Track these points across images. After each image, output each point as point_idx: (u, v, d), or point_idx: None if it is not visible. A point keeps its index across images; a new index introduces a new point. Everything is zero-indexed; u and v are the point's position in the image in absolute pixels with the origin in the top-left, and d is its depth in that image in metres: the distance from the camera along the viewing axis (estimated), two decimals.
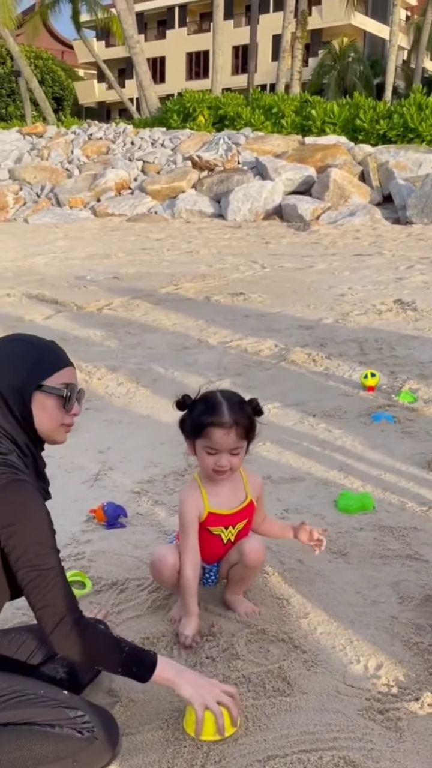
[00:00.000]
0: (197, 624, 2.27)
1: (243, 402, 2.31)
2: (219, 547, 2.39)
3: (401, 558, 2.76)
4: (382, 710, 1.98)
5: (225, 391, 2.36)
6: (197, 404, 2.30)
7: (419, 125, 20.14)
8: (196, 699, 1.80)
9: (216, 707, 1.81)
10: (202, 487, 2.36)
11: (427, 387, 4.72)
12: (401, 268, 9.37)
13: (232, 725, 1.85)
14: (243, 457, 2.33)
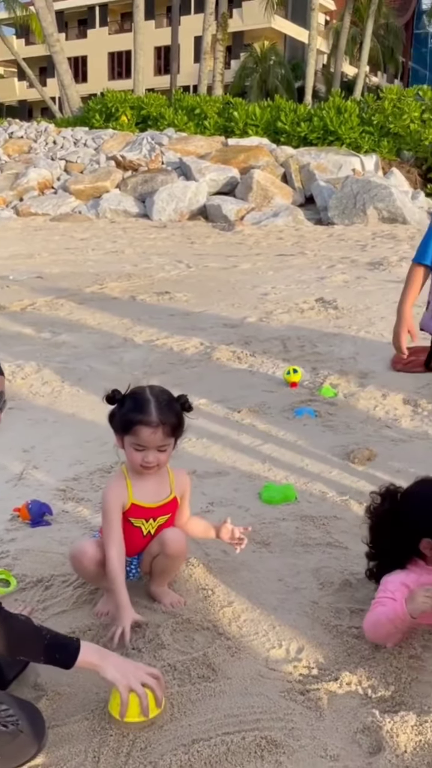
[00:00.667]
0: (132, 614, 2.28)
1: (172, 400, 2.35)
2: (139, 539, 2.42)
3: (322, 546, 2.84)
4: (303, 691, 2.04)
5: (154, 387, 2.40)
6: (126, 400, 2.34)
7: (339, 128, 20.57)
8: (121, 681, 1.83)
9: (140, 689, 1.84)
10: (128, 479, 2.39)
11: (347, 382, 4.85)
12: (323, 268, 9.57)
13: (156, 706, 1.89)
14: (170, 453, 2.37)
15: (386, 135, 20.75)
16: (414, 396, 4.42)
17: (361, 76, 34.08)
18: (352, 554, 2.72)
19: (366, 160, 18.29)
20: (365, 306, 6.99)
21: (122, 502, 2.36)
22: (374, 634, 2.17)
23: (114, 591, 2.30)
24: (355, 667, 2.12)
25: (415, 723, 1.86)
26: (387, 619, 2.11)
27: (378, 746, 1.83)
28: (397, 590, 2.19)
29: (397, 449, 3.75)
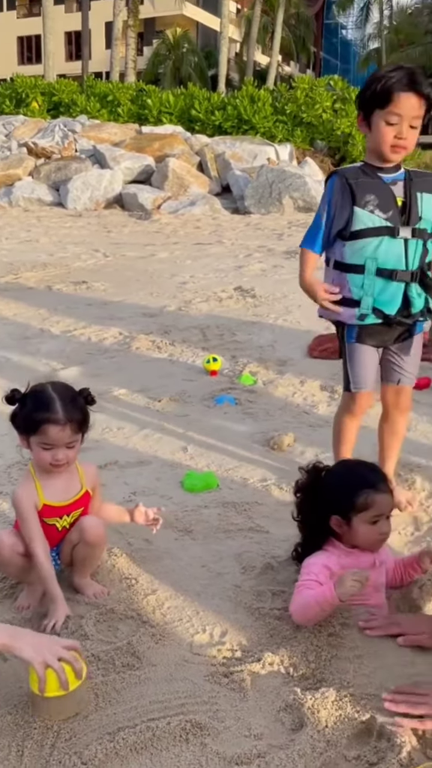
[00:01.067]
0: (65, 607, 2.28)
1: (75, 395, 2.35)
2: (55, 533, 2.42)
3: (244, 531, 2.88)
4: (226, 673, 2.07)
5: (56, 383, 2.39)
6: (28, 399, 2.32)
7: (253, 117, 20.71)
8: (36, 659, 1.83)
9: (56, 664, 1.84)
10: (36, 480, 2.37)
11: (266, 370, 4.92)
12: (240, 257, 9.64)
13: (75, 679, 1.89)
14: (78, 449, 2.37)
15: (299, 124, 21.02)
16: (330, 382, 4.52)
17: (273, 65, 34.37)
18: (273, 538, 2.78)
19: (280, 150, 18.48)
20: (282, 294, 7.09)
21: (34, 504, 2.34)
22: (302, 617, 2.21)
23: (46, 586, 2.30)
24: (277, 648, 2.16)
25: (335, 698, 1.91)
26: (315, 602, 2.16)
27: (300, 723, 1.87)
28: (321, 573, 2.25)
29: (315, 434, 3.82)
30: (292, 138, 20.64)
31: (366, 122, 2.73)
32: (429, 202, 2.77)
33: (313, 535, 2.41)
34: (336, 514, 2.32)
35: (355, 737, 1.83)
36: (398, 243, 2.75)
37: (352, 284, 2.81)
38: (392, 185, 2.75)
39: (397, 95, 2.59)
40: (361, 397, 2.98)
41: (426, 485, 3.24)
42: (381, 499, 2.29)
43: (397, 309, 2.81)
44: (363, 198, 2.71)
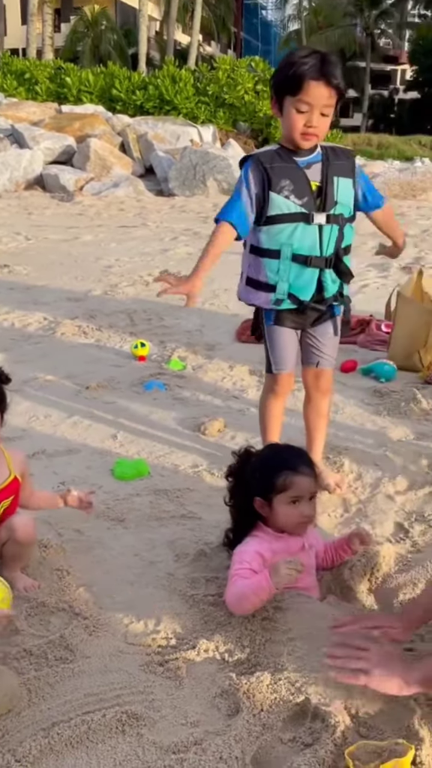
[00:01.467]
0: None
1: None
2: None
3: (176, 518, 2.87)
4: (162, 662, 2.07)
5: None
6: None
7: (174, 97, 20.52)
8: None
9: None
10: None
11: (194, 354, 4.91)
12: (166, 240, 9.58)
13: None
14: (0, 431, 2.32)
15: (222, 106, 20.95)
16: (259, 367, 4.51)
17: (194, 44, 34.07)
18: (205, 524, 2.78)
19: (203, 131, 18.41)
20: (209, 278, 7.05)
21: None
22: (239, 607, 2.20)
23: None
24: (212, 634, 2.17)
25: (270, 682, 1.92)
26: (252, 592, 2.16)
27: (236, 708, 1.88)
28: (254, 560, 2.25)
29: (245, 419, 3.84)
30: (215, 119, 20.56)
31: (278, 106, 2.72)
32: (345, 186, 2.79)
33: (243, 520, 2.42)
34: (259, 496, 2.34)
35: (290, 719, 1.85)
36: (313, 229, 2.76)
37: (267, 269, 2.82)
38: (307, 169, 2.75)
39: (308, 84, 2.56)
40: (283, 378, 3.03)
41: (354, 467, 3.29)
42: (300, 480, 2.30)
43: (311, 295, 2.84)
44: (278, 183, 2.71)
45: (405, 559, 2.60)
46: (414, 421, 3.80)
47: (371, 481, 3.19)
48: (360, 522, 2.87)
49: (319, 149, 2.80)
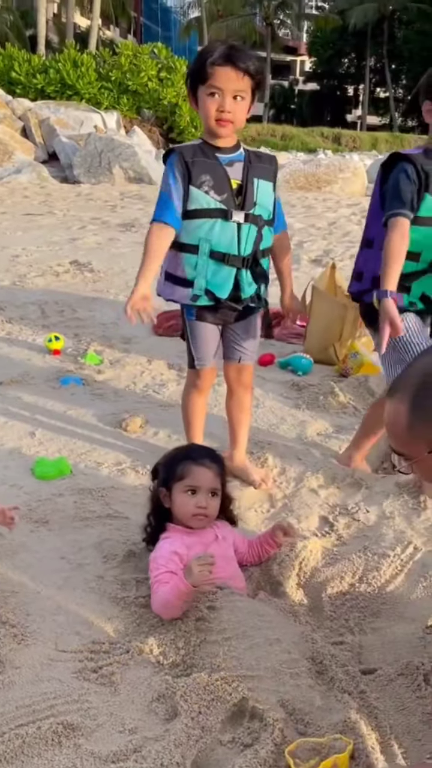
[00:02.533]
0: None
1: None
2: None
3: (102, 518, 2.82)
4: (95, 669, 2.03)
5: None
6: None
7: (77, 82, 20.13)
8: None
9: None
10: None
11: (110, 348, 4.83)
12: (74, 229, 9.41)
13: None
14: None
15: (125, 92, 20.70)
16: (177, 360, 4.50)
17: (94, 28, 33.48)
18: (133, 524, 2.73)
19: (107, 117, 18.17)
20: (121, 269, 6.99)
21: None
22: (166, 613, 2.20)
23: None
24: (146, 637, 2.14)
25: (207, 683, 1.91)
26: (174, 597, 2.15)
27: (174, 711, 1.87)
28: (170, 561, 2.24)
29: (166, 414, 3.80)
30: (119, 106, 20.30)
31: (195, 100, 2.75)
32: (265, 189, 2.83)
33: (155, 515, 2.45)
34: (162, 486, 2.41)
35: (228, 720, 1.85)
36: (231, 226, 2.77)
37: (186, 264, 2.82)
38: (228, 166, 2.77)
39: (214, 69, 2.62)
40: (205, 372, 3.04)
41: (278, 462, 3.32)
42: (197, 470, 2.36)
43: (228, 293, 2.85)
44: (198, 178, 2.72)
45: (331, 552, 2.65)
46: (332, 414, 3.86)
47: (295, 475, 3.23)
48: (286, 516, 2.89)
49: (242, 149, 2.83)
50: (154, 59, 21.10)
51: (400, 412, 1.59)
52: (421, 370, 1.61)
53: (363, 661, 2.12)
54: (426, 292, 2.92)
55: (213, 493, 2.39)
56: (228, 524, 2.52)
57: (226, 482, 2.50)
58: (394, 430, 1.64)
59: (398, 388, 1.64)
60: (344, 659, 2.08)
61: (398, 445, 1.67)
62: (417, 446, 1.60)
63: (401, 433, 1.62)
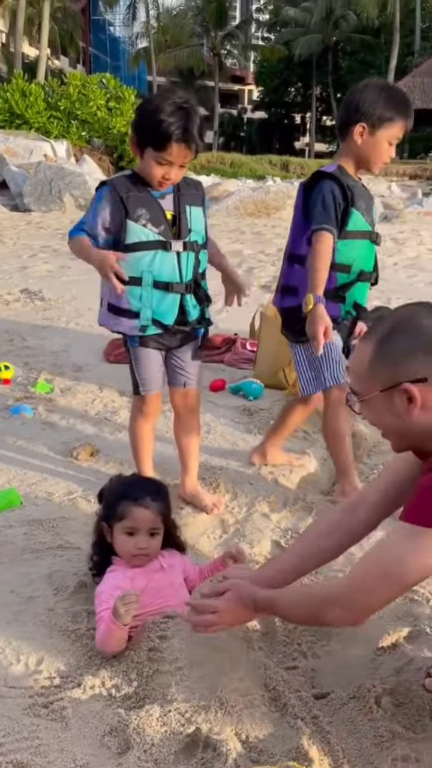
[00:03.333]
0: None
1: None
2: None
3: (53, 549, 2.78)
4: (46, 704, 1.99)
5: None
6: None
7: (26, 111, 20.17)
8: None
9: None
10: None
11: (61, 377, 4.81)
12: (24, 257, 9.37)
13: None
14: None
15: (74, 121, 20.79)
16: (129, 387, 4.39)
17: (42, 58, 33.61)
18: (84, 554, 2.68)
19: (57, 146, 18.21)
20: (72, 297, 6.97)
21: None
22: (105, 651, 2.19)
23: None
24: (98, 670, 2.12)
25: (160, 714, 1.90)
26: (109, 636, 2.15)
27: (126, 745, 1.85)
28: (111, 597, 2.21)
29: (118, 443, 3.78)
30: (68, 135, 20.35)
31: (139, 150, 2.77)
32: (197, 215, 2.91)
33: (99, 545, 2.44)
34: (104, 521, 2.39)
35: (182, 751, 1.83)
36: (171, 256, 2.84)
37: (130, 296, 2.85)
38: (161, 199, 2.83)
39: (171, 146, 2.66)
40: (151, 399, 3.07)
41: (230, 487, 3.32)
42: (137, 513, 2.32)
43: (175, 319, 2.91)
44: (135, 212, 2.77)
45: None
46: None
47: (247, 500, 3.24)
48: (239, 541, 2.89)
49: None
50: (103, 89, 21.24)
51: (366, 350, 1.76)
52: (394, 319, 1.76)
53: (316, 685, 2.13)
54: (357, 299, 3.13)
55: (153, 533, 2.36)
56: (176, 552, 2.51)
57: (170, 513, 2.47)
58: (357, 367, 1.80)
59: (370, 332, 1.80)
60: (297, 684, 2.09)
61: (356, 382, 1.82)
62: (372, 384, 1.76)
63: (362, 371, 1.78)
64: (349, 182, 2.98)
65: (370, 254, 3.13)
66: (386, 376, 1.72)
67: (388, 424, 1.81)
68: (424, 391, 1.69)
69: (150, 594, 2.28)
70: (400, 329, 1.71)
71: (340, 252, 2.98)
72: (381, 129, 2.93)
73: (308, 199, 3.03)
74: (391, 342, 1.71)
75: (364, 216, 3.03)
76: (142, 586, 2.27)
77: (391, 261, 10.21)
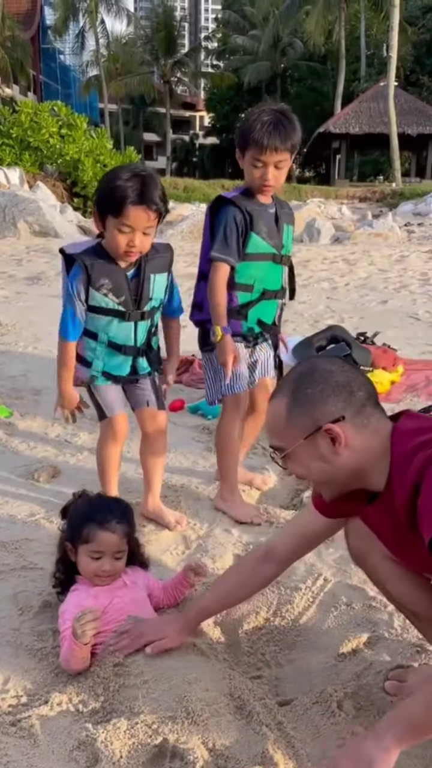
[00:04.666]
0: None
1: None
2: None
3: (17, 570, 2.79)
4: (14, 722, 2.01)
5: None
6: None
7: None
8: None
9: None
10: None
11: (21, 400, 4.81)
12: None
13: None
14: None
15: (27, 148, 20.76)
16: (89, 410, 4.51)
17: None
18: (47, 574, 2.69)
19: (10, 173, 18.15)
20: (29, 321, 6.97)
21: None
22: (69, 669, 2.22)
23: None
24: (64, 686, 2.14)
25: (127, 727, 1.92)
26: (71, 655, 2.18)
27: (95, 758, 1.87)
28: (74, 616, 2.23)
29: (79, 464, 3.81)
30: (21, 162, 20.34)
31: (102, 223, 2.82)
32: (160, 281, 2.97)
33: (63, 563, 2.47)
34: (68, 542, 2.42)
35: (150, 762, 1.86)
36: (128, 325, 2.94)
37: (87, 347, 2.98)
38: (127, 270, 2.88)
39: (128, 209, 2.69)
40: (118, 420, 3.11)
41: (191, 504, 3.37)
42: (102, 537, 2.35)
43: (127, 373, 3.04)
44: (98, 281, 2.83)
45: None
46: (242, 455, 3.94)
47: (208, 516, 3.29)
48: (201, 557, 2.93)
49: None
50: (55, 117, 21.30)
51: (281, 405, 1.80)
52: (294, 374, 1.83)
53: (280, 693, 2.19)
54: (260, 317, 3.29)
55: (117, 557, 2.40)
56: (139, 569, 2.54)
57: (133, 533, 2.51)
58: (275, 424, 1.84)
59: (276, 392, 1.85)
60: (262, 693, 2.13)
61: (276, 439, 1.85)
62: (293, 436, 1.79)
63: (280, 426, 1.81)
64: (249, 206, 3.11)
65: (275, 274, 3.26)
66: (306, 423, 1.76)
67: (318, 472, 1.83)
68: (345, 428, 1.74)
69: (114, 611, 2.31)
70: (308, 379, 1.77)
71: (240, 273, 3.15)
72: (245, 151, 3.08)
73: (212, 221, 3.19)
74: (302, 391, 1.76)
75: (266, 239, 3.15)
76: (105, 604, 2.31)
77: (343, 281, 10.41)
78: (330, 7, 42.75)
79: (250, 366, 3.37)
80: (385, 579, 2.08)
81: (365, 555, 2.08)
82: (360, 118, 38.77)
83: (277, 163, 3.05)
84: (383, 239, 15.42)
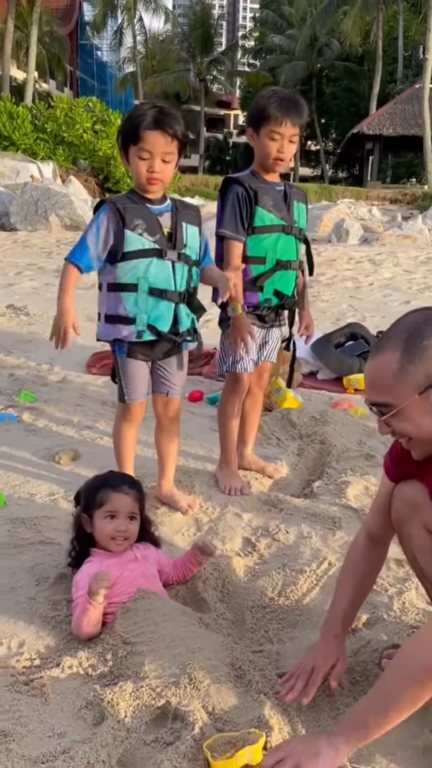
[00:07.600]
0: None
1: None
2: None
3: (35, 544, 2.92)
4: (27, 681, 2.13)
5: None
6: None
7: (13, 134, 20.39)
8: None
9: None
10: None
11: (45, 387, 4.95)
12: (11, 275, 9.50)
13: None
14: None
15: (61, 143, 21.01)
16: (111, 398, 4.64)
17: (30, 81, 33.98)
18: (64, 549, 2.83)
19: (43, 167, 18.41)
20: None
21: None
22: (81, 633, 2.34)
23: None
24: (76, 652, 2.25)
25: (132, 690, 2.02)
26: (84, 617, 2.30)
27: (101, 717, 1.98)
28: (87, 585, 2.36)
29: (99, 448, 3.94)
30: (55, 156, 20.58)
31: (126, 158, 2.97)
32: (193, 233, 3.07)
33: (79, 540, 2.59)
34: (84, 512, 2.56)
35: (152, 722, 1.97)
36: (166, 264, 2.98)
37: (126, 302, 2.98)
38: (159, 216, 2.99)
39: (144, 133, 2.83)
40: (135, 407, 3.21)
41: (204, 489, 3.48)
42: (116, 497, 2.51)
43: (169, 326, 3.04)
44: (132, 222, 2.92)
45: (253, 570, 2.83)
46: (257, 445, 4.05)
47: (220, 501, 3.40)
48: (212, 539, 3.04)
49: (169, 201, 3.06)
50: (89, 112, 21.51)
51: (390, 359, 1.69)
52: (406, 325, 1.73)
53: (279, 667, 2.27)
54: (278, 288, 3.38)
55: (132, 517, 2.54)
56: (151, 546, 2.67)
57: (144, 506, 2.64)
58: (381, 379, 1.72)
59: (382, 344, 1.74)
60: (262, 665, 2.23)
61: (384, 395, 1.73)
62: (406, 391, 1.69)
63: (389, 382, 1.70)
64: (253, 184, 3.25)
65: (287, 244, 3.35)
66: (422, 378, 1.67)
67: (429, 430, 1.74)
68: None
69: (124, 583, 2.43)
70: (422, 331, 1.68)
71: (251, 247, 3.28)
72: (261, 128, 3.20)
73: (222, 202, 3.33)
74: (417, 344, 1.66)
75: (273, 211, 3.27)
76: (116, 575, 2.43)
77: (367, 281, 10.44)
78: (368, 8, 42.52)
79: (260, 346, 3.51)
80: (416, 548, 2.07)
81: (406, 521, 2.04)
82: (394, 120, 38.60)
83: (291, 137, 3.21)
84: (411, 241, 15.39)
